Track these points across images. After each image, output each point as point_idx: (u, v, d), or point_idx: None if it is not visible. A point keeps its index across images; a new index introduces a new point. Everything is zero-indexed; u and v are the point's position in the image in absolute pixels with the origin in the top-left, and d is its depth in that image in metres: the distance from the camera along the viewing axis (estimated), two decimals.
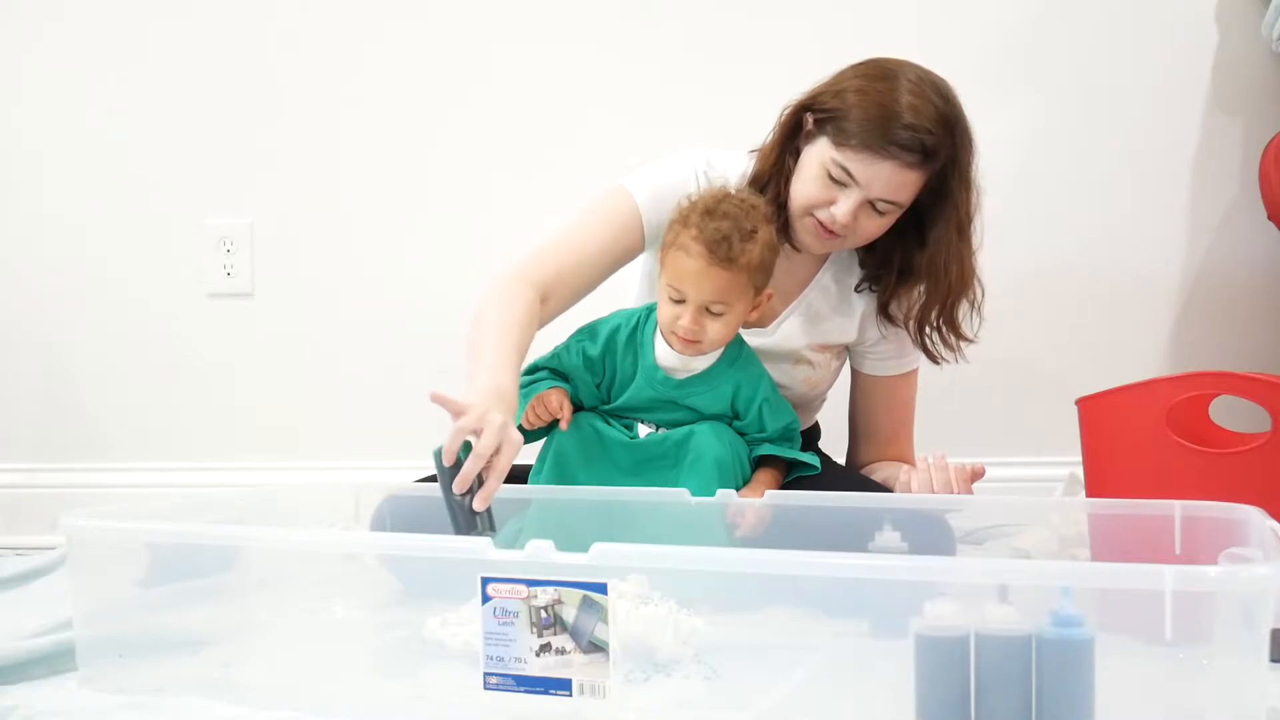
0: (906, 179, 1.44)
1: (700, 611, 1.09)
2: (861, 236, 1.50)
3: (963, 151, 1.48)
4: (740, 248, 1.37)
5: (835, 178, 1.45)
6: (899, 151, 1.41)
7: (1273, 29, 1.95)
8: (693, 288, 1.39)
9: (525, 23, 2.17)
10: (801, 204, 1.49)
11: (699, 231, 1.38)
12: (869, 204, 1.45)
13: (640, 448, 1.44)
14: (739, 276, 1.38)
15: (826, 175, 1.46)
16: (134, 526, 1.23)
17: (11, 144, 2.28)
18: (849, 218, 1.45)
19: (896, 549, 1.24)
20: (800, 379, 1.61)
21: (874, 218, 1.47)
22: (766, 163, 1.55)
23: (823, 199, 1.46)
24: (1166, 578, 0.83)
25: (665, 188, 1.53)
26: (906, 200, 1.47)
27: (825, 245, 1.52)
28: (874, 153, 1.42)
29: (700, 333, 1.40)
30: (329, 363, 2.23)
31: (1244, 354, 2.04)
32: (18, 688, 1.15)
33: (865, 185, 1.44)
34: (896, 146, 1.41)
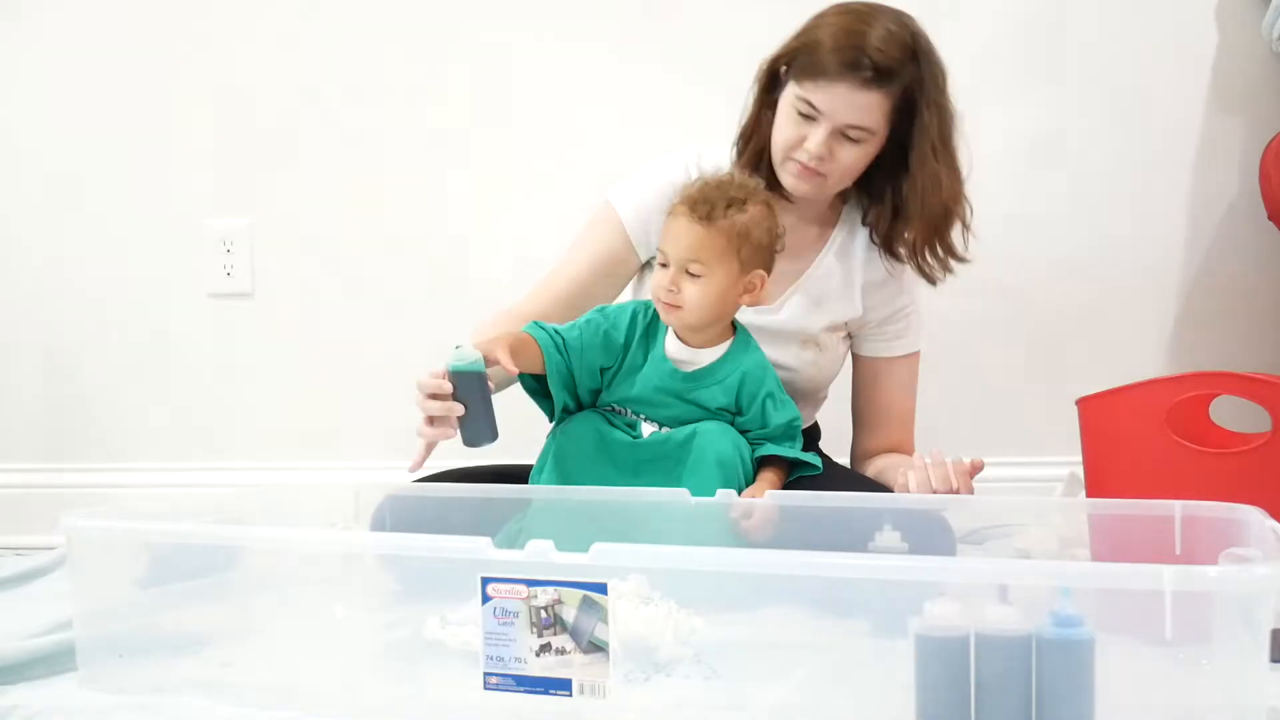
0: (868, 101, 1.48)
1: (700, 611, 1.09)
2: (842, 170, 1.53)
3: (929, 75, 1.52)
4: (722, 211, 1.40)
5: (803, 113, 1.50)
6: (852, 72, 1.46)
7: (1273, 29, 1.95)
8: (672, 244, 1.42)
9: (531, 22, 2.17)
10: (779, 148, 1.54)
11: (687, 194, 1.43)
12: (840, 134, 1.49)
13: (643, 448, 1.44)
14: (717, 238, 1.40)
15: (796, 114, 1.51)
16: (134, 526, 1.23)
17: (11, 144, 2.28)
18: (821, 148, 1.49)
19: (896, 549, 1.24)
20: (808, 361, 1.62)
21: (849, 147, 1.51)
22: (749, 118, 1.60)
23: (796, 137, 1.51)
24: (1166, 578, 0.83)
25: (651, 194, 1.60)
26: (875, 124, 1.50)
27: (811, 187, 1.54)
28: (830, 78, 1.47)
29: (677, 294, 1.41)
30: (329, 363, 2.23)
31: (1244, 354, 2.04)
32: (18, 688, 1.15)
33: (830, 113, 1.48)
34: (849, 68, 1.46)
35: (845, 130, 1.49)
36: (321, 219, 2.23)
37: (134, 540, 1.21)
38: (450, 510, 1.46)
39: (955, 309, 2.11)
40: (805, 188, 1.54)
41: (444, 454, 1.80)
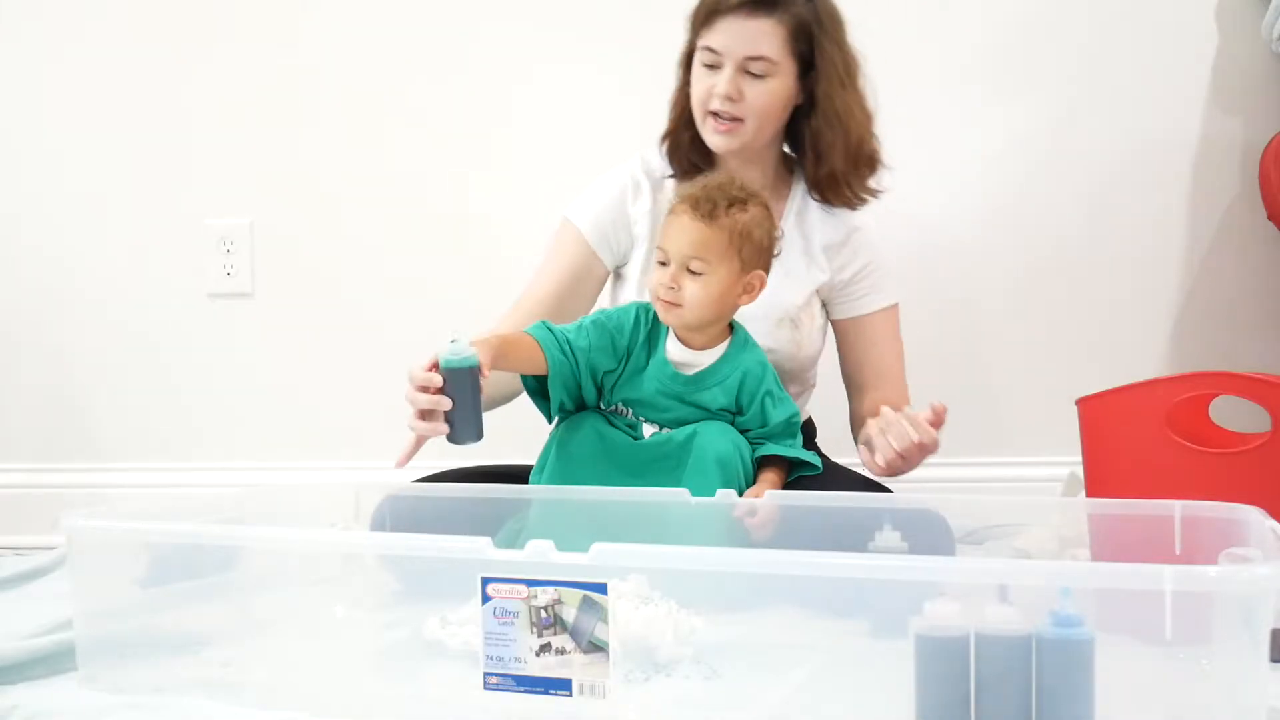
0: (759, 28, 1.54)
1: (700, 611, 1.09)
2: (756, 111, 1.57)
3: (824, 12, 1.59)
4: (724, 210, 1.42)
5: (707, 63, 1.57)
6: (738, 4, 1.54)
7: (1273, 29, 1.95)
8: (673, 242, 1.43)
9: (533, 23, 2.17)
10: (696, 108, 1.60)
11: (688, 192, 1.45)
12: (744, 71, 1.55)
13: (644, 448, 1.44)
14: (718, 235, 1.41)
15: (702, 68, 1.58)
16: (134, 526, 1.23)
17: (11, 144, 2.28)
18: (728, 87, 1.55)
19: (896, 549, 1.24)
20: (787, 340, 1.63)
21: (755, 84, 1.56)
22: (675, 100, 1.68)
23: (706, 87, 1.57)
24: (1166, 578, 0.83)
25: (605, 203, 1.67)
26: (773, 52, 1.55)
27: (730, 138, 1.59)
28: (721, 16, 1.55)
29: (678, 292, 1.42)
30: (329, 363, 2.23)
31: (1244, 354, 2.04)
32: (18, 688, 1.15)
33: (726, 50, 1.55)
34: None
35: (747, 66, 1.55)
36: (321, 219, 2.23)
37: (134, 540, 1.21)
38: (450, 510, 1.46)
39: (955, 309, 2.12)
40: (727, 141, 1.59)
41: (444, 454, 1.81)
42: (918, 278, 2.10)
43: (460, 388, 1.32)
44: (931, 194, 2.11)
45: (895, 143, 2.09)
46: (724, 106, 1.56)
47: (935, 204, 2.11)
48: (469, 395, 1.33)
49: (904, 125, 2.10)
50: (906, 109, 2.10)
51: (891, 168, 1.68)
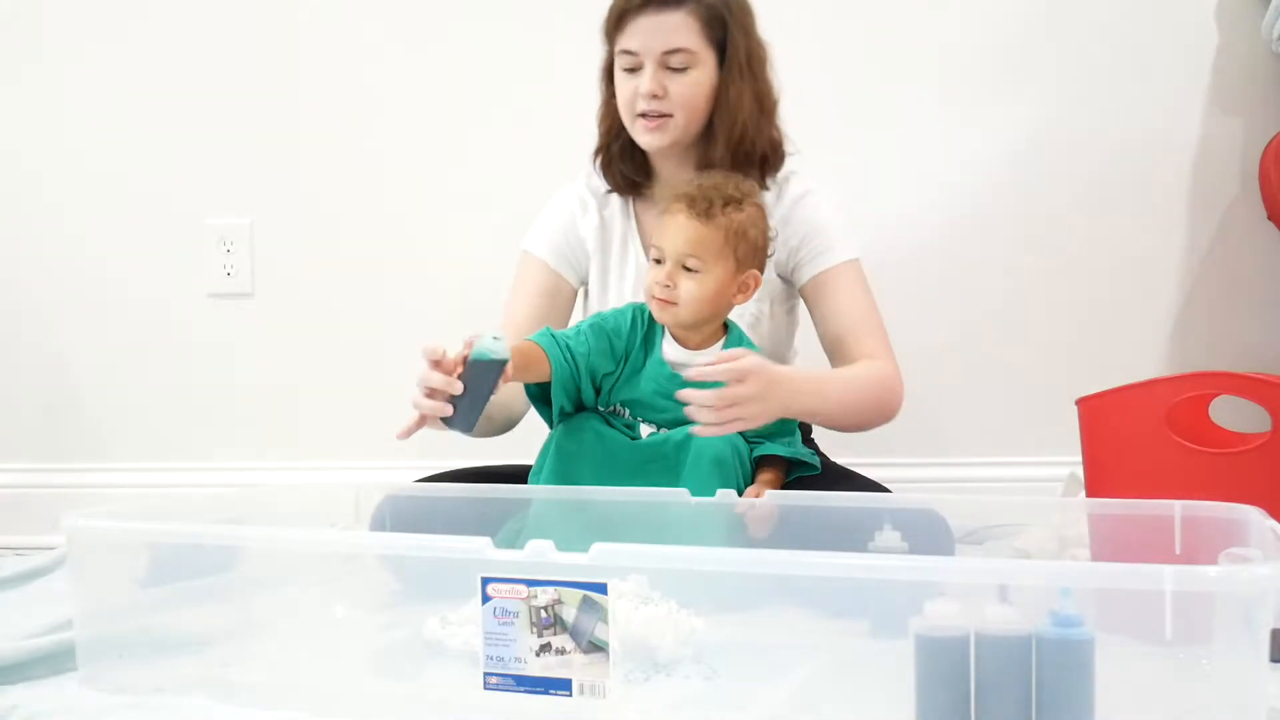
0: (671, 22, 1.54)
1: (700, 611, 1.09)
2: (682, 105, 1.56)
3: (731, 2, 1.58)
4: (720, 209, 1.42)
5: (627, 67, 1.57)
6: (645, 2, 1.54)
7: (1273, 29, 1.95)
8: (669, 240, 1.43)
9: (535, 22, 2.17)
10: (624, 110, 1.60)
11: (683, 191, 1.45)
12: (665, 67, 1.55)
13: (642, 449, 1.44)
14: (714, 234, 1.41)
15: (624, 73, 1.58)
16: (134, 526, 1.23)
17: (11, 144, 2.28)
18: (652, 84, 1.54)
19: (896, 549, 1.24)
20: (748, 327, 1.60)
21: (678, 78, 1.55)
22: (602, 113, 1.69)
23: (630, 90, 1.57)
24: (1166, 578, 0.83)
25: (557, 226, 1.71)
26: (690, 44, 1.55)
27: (660, 134, 1.58)
28: (632, 17, 1.56)
29: (673, 290, 1.42)
30: (329, 363, 2.23)
31: (1244, 354, 2.04)
32: (18, 688, 1.15)
33: (644, 49, 1.55)
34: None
35: (667, 61, 1.54)
36: (321, 219, 2.23)
37: (134, 540, 1.21)
38: (450, 510, 1.46)
39: (955, 308, 2.12)
40: (658, 138, 1.58)
41: (444, 454, 1.82)
42: (917, 278, 2.10)
43: (482, 380, 1.31)
44: (931, 194, 2.11)
45: (895, 142, 2.11)
46: (650, 105, 1.56)
47: (935, 204, 2.11)
48: (485, 390, 1.32)
49: (903, 125, 2.12)
50: (906, 109, 2.11)
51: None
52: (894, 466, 1.91)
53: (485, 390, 1.32)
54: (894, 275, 2.11)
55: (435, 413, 1.31)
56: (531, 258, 1.71)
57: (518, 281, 1.72)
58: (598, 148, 1.70)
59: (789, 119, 1.67)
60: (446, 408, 1.31)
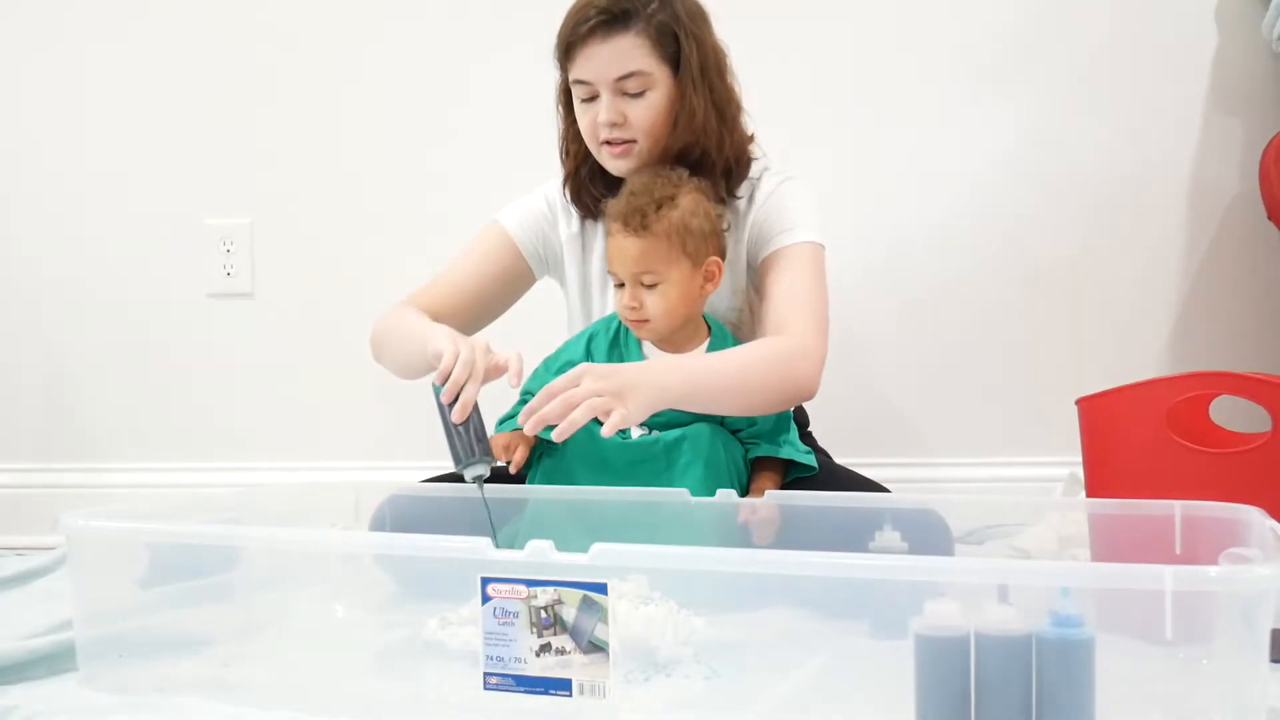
0: (618, 47, 1.49)
1: (700, 611, 1.09)
2: (644, 130, 1.52)
3: (682, 10, 1.52)
4: (654, 215, 1.40)
5: (584, 97, 1.54)
6: (587, 28, 1.49)
7: (1273, 29, 1.95)
8: (619, 264, 1.43)
9: (535, 26, 2.17)
10: (588, 140, 1.56)
11: (616, 209, 1.43)
12: (620, 93, 1.51)
13: (632, 449, 1.44)
14: (658, 243, 1.40)
15: (581, 102, 1.55)
16: (134, 526, 1.23)
17: (11, 144, 2.28)
18: (612, 114, 1.51)
19: (896, 549, 1.24)
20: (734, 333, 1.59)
21: (635, 103, 1.52)
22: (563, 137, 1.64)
23: (590, 120, 1.54)
24: (1166, 578, 0.83)
25: (533, 215, 1.67)
26: (641, 66, 1.50)
27: (626, 160, 1.55)
28: (579, 48, 1.51)
29: (641, 309, 1.42)
30: (329, 363, 2.23)
31: (1244, 354, 2.04)
32: (18, 688, 1.15)
33: (596, 78, 1.51)
34: (582, 25, 1.50)
35: (622, 87, 1.51)
36: (321, 219, 2.23)
37: (134, 540, 1.21)
38: (450, 510, 1.46)
39: (955, 309, 2.12)
40: (625, 163, 1.55)
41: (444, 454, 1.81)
42: (918, 278, 2.10)
43: None
44: (931, 194, 2.11)
45: (895, 142, 2.11)
46: (612, 134, 1.52)
47: (935, 204, 2.11)
48: None
49: (904, 126, 2.12)
50: (906, 109, 2.11)
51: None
52: (894, 466, 1.91)
53: None
54: (894, 275, 2.12)
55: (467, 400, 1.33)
56: (499, 230, 1.67)
57: (475, 246, 1.68)
58: (565, 176, 1.65)
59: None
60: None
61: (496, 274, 1.66)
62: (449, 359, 1.32)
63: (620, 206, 1.43)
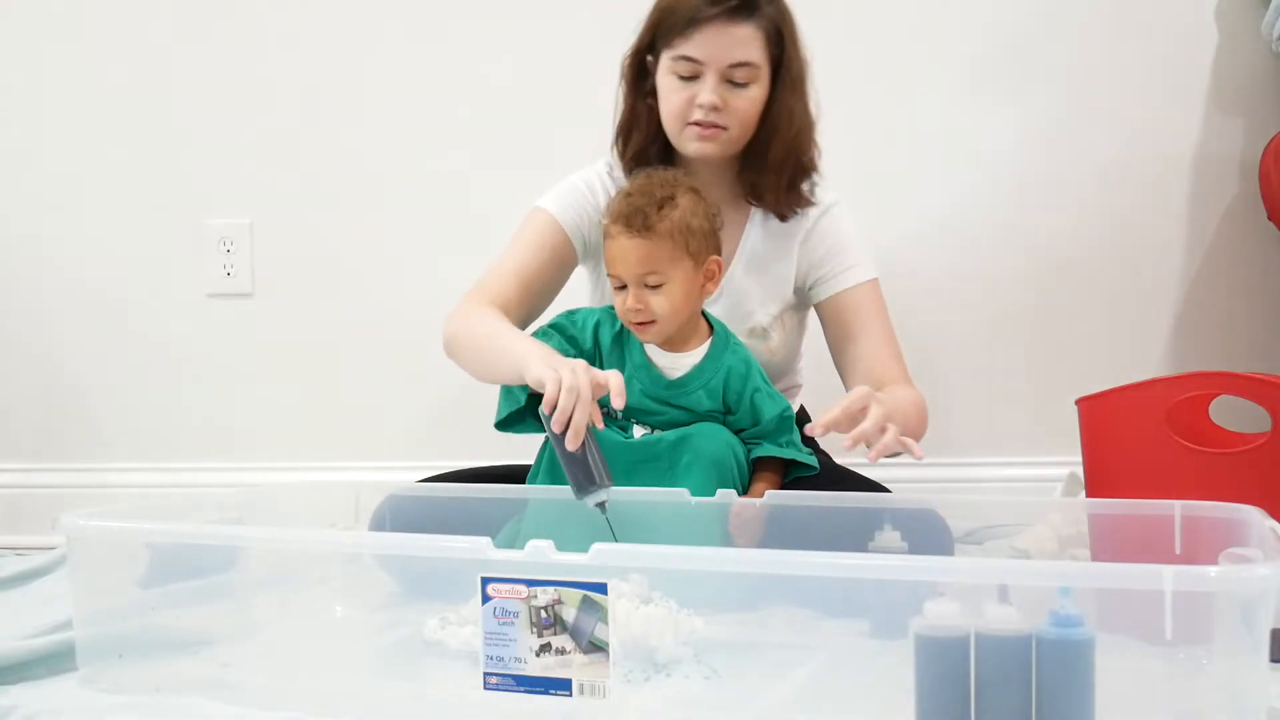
0: (741, 34, 1.50)
1: (700, 611, 1.09)
2: (740, 119, 1.54)
3: (787, 11, 1.56)
4: (656, 215, 1.40)
5: (684, 74, 1.52)
6: (716, 9, 1.49)
7: (1273, 29, 1.95)
8: (621, 265, 1.42)
9: (534, 25, 2.17)
10: (673, 119, 1.55)
11: (616, 210, 1.42)
12: (727, 81, 1.51)
13: (636, 449, 1.44)
14: (661, 244, 1.40)
15: (678, 79, 1.53)
16: (134, 526, 1.23)
17: (11, 144, 2.28)
18: (713, 97, 1.51)
19: (896, 549, 1.24)
20: (759, 349, 1.61)
21: (739, 92, 1.52)
22: (624, 113, 1.64)
23: (686, 98, 1.53)
24: (1166, 578, 0.83)
25: (575, 199, 1.64)
26: (755, 58, 1.52)
27: (712, 144, 1.55)
28: (698, 24, 1.50)
29: (646, 311, 1.41)
30: (329, 363, 2.23)
31: (1244, 354, 2.04)
32: (18, 688, 1.15)
33: (709, 60, 1.50)
34: (712, 5, 1.49)
35: (730, 75, 1.51)
36: (321, 219, 2.23)
37: (134, 540, 1.21)
38: (450, 510, 1.46)
39: (956, 309, 2.12)
40: (709, 148, 1.55)
41: (443, 454, 1.82)
42: (917, 278, 2.10)
43: None
44: (931, 194, 2.11)
45: (895, 142, 2.11)
46: (709, 116, 1.52)
47: (935, 204, 2.11)
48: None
49: (904, 126, 2.12)
50: (907, 109, 2.11)
51: (822, 177, 1.64)
52: (894, 466, 1.90)
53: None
54: (893, 276, 2.11)
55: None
56: (544, 214, 1.64)
57: (524, 232, 1.65)
58: (632, 152, 1.63)
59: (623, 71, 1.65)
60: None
61: (549, 258, 1.63)
62: (552, 388, 1.25)
63: (620, 207, 1.42)
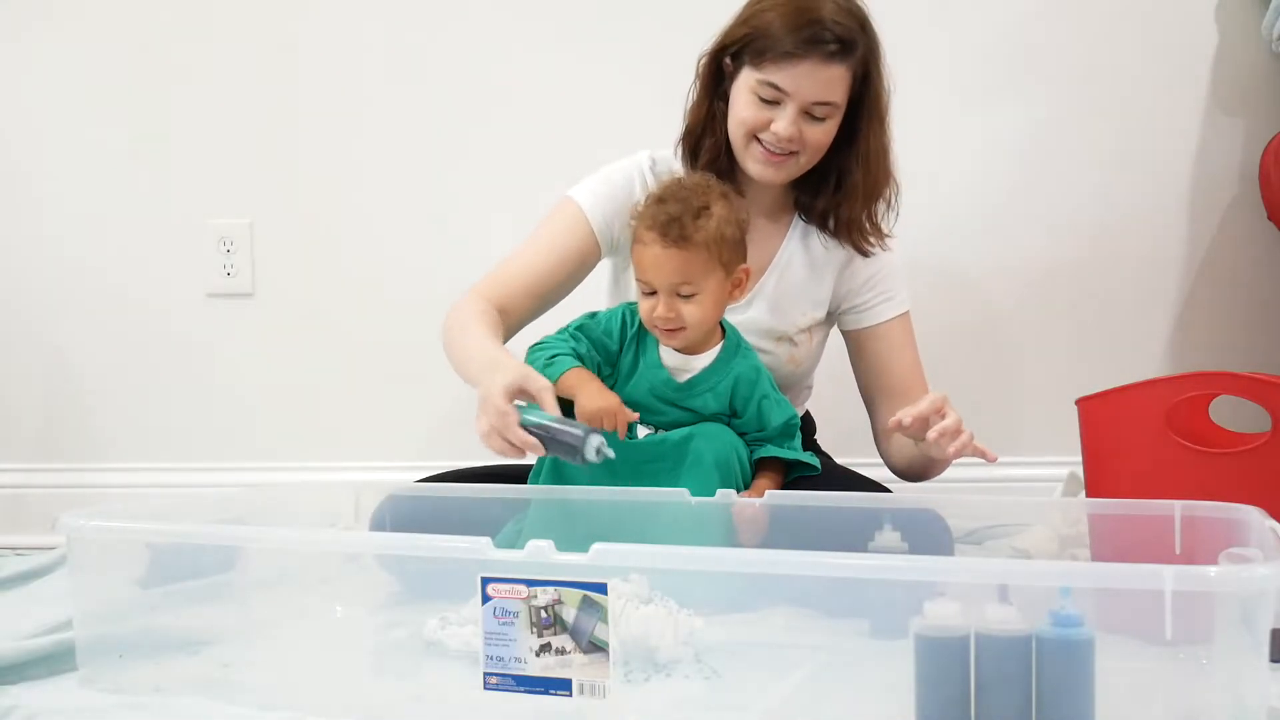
0: (832, 75, 1.48)
1: (700, 611, 1.09)
2: (812, 149, 1.53)
3: (875, 44, 1.53)
4: (693, 225, 1.38)
5: (766, 98, 1.49)
6: (816, 48, 1.46)
7: (1273, 29, 1.95)
8: (655, 274, 1.40)
9: (530, 24, 2.17)
10: (743, 133, 1.53)
11: (651, 219, 1.40)
12: (806, 113, 1.49)
13: (640, 449, 1.44)
14: (697, 254, 1.39)
15: (757, 99, 1.50)
16: (134, 526, 1.23)
17: (12, 144, 2.28)
18: (791, 130, 1.49)
19: (896, 549, 1.24)
20: (785, 358, 1.61)
21: (815, 125, 1.51)
22: (697, 115, 1.60)
23: (760, 120, 1.50)
24: (1166, 578, 0.83)
25: (610, 192, 1.60)
26: (839, 98, 1.50)
27: (778, 170, 1.53)
28: (793, 58, 1.46)
29: (677, 319, 1.41)
30: (329, 363, 2.23)
31: (1244, 354, 2.04)
32: (18, 688, 1.15)
33: (795, 93, 1.48)
34: (812, 44, 1.46)
35: (811, 109, 1.49)
36: (321, 219, 2.23)
37: (134, 540, 1.21)
38: (450, 510, 1.46)
39: (955, 309, 2.12)
40: (773, 173, 1.54)
41: (443, 454, 1.81)
42: (917, 279, 2.09)
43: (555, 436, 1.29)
44: (932, 194, 2.11)
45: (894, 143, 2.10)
46: (781, 146, 1.50)
47: (935, 204, 2.11)
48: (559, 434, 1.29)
49: (904, 125, 2.11)
50: (906, 109, 2.10)
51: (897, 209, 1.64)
52: None
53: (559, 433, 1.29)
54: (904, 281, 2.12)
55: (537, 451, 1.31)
56: (574, 208, 1.61)
57: (546, 225, 1.63)
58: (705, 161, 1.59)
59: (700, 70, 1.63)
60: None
61: (568, 255, 1.60)
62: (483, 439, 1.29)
63: (656, 215, 1.39)
